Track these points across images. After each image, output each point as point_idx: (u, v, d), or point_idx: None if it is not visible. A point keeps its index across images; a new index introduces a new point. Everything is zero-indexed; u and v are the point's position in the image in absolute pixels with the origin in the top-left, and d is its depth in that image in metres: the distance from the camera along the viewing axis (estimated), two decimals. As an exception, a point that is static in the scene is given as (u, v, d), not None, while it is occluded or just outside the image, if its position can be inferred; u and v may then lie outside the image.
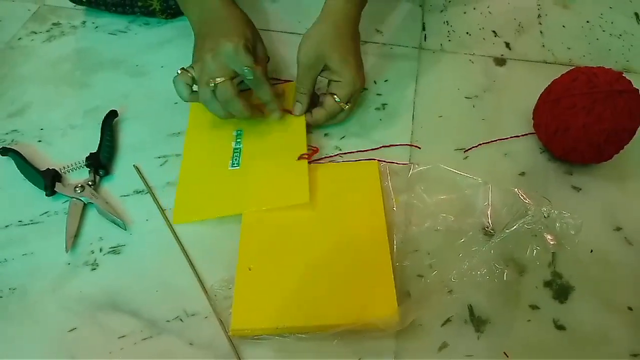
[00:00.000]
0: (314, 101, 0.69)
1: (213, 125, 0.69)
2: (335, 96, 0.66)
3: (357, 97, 0.69)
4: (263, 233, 0.59)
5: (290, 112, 0.69)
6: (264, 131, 0.68)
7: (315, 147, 0.67)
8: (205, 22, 0.66)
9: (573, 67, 0.66)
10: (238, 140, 0.67)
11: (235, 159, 0.65)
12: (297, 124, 0.68)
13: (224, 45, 0.59)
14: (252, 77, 0.60)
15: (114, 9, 0.83)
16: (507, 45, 0.84)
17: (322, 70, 0.66)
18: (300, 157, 0.64)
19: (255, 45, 0.65)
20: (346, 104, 0.67)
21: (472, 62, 0.81)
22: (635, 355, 0.53)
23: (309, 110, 0.68)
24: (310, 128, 0.68)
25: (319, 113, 0.67)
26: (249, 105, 0.63)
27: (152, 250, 0.59)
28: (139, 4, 0.82)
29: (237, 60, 0.60)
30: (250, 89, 0.64)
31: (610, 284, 0.58)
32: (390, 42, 0.83)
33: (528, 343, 0.53)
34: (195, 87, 0.63)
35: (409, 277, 0.57)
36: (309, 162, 0.64)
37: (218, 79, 0.60)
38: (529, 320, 0.55)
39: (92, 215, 0.62)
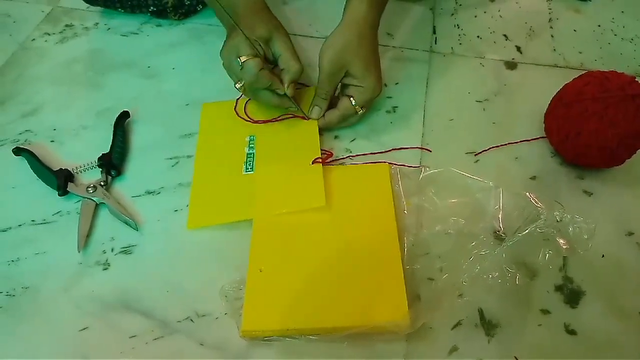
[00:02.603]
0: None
1: (224, 131, 0.69)
2: (352, 99, 0.66)
3: (372, 102, 0.69)
4: (274, 235, 0.59)
5: (303, 118, 0.69)
6: (277, 136, 0.68)
7: (329, 151, 0.67)
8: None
9: (584, 71, 0.66)
10: (251, 145, 0.67)
11: (249, 164, 0.65)
12: (310, 128, 0.68)
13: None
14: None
15: (129, 3, 0.83)
16: (518, 49, 0.83)
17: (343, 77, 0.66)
18: (315, 161, 0.64)
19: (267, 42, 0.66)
20: (361, 108, 0.67)
21: (483, 66, 0.81)
22: (646, 361, 0.53)
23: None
24: (320, 130, 0.69)
25: (332, 115, 0.68)
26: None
27: (163, 251, 0.59)
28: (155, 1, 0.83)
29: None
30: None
31: (622, 289, 0.57)
32: (401, 46, 0.83)
33: (539, 347, 0.53)
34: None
35: (420, 280, 0.57)
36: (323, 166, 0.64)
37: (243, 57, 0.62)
38: (540, 325, 0.55)
39: (103, 215, 0.62)
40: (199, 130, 0.70)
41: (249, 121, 0.70)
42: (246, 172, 0.64)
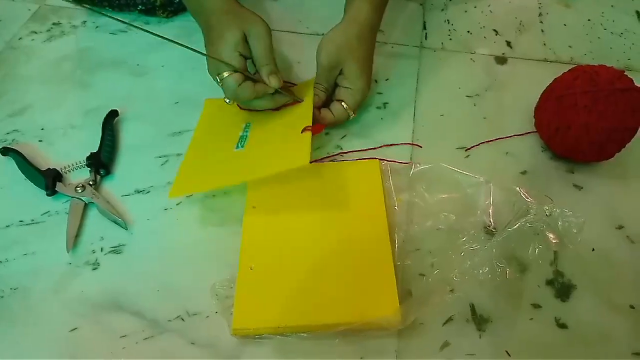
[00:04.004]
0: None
1: (223, 121, 0.69)
2: (343, 104, 0.66)
3: (361, 104, 0.69)
4: (265, 232, 0.59)
5: (299, 102, 0.68)
6: (271, 120, 0.67)
7: (320, 125, 0.66)
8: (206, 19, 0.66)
9: (574, 65, 0.66)
10: (246, 130, 0.67)
11: (241, 143, 0.65)
12: (304, 108, 0.67)
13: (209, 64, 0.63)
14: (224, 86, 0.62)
15: (117, 2, 0.83)
16: (508, 43, 0.83)
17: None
18: (304, 130, 0.63)
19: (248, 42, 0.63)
20: (353, 112, 0.67)
21: (473, 61, 0.81)
22: (637, 354, 0.53)
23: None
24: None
25: (327, 115, 0.67)
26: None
27: (153, 250, 0.59)
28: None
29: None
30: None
31: (612, 282, 0.58)
32: (391, 41, 0.83)
33: (530, 342, 0.53)
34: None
35: (411, 276, 0.57)
36: (314, 134, 0.63)
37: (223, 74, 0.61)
38: (531, 319, 0.55)
39: (93, 215, 0.62)
40: (198, 122, 0.70)
41: (250, 110, 0.69)
42: (236, 149, 0.64)
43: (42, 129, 0.70)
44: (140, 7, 0.83)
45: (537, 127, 0.68)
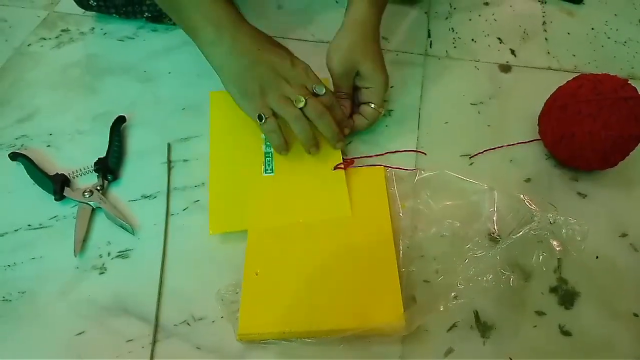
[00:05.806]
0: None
1: (238, 128, 0.68)
2: (372, 104, 0.67)
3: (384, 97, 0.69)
4: (270, 238, 0.59)
5: None
6: (293, 133, 0.67)
7: (350, 159, 0.67)
8: (240, 47, 0.64)
9: (578, 74, 0.66)
10: (267, 143, 0.67)
11: (268, 164, 0.65)
12: None
13: (298, 64, 0.64)
14: (325, 93, 0.62)
15: (123, 9, 0.84)
16: (513, 52, 0.84)
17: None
18: (337, 167, 0.64)
19: None
20: (381, 107, 0.68)
21: (478, 69, 0.81)
22: (640, 362, 0.53)
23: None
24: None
25: (362, 122, 0.68)
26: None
27: (159, 255, 0.59)
28: (147, 2, 0.82)
29: (310, 78, 0.63)
30: None
31: (616, 290, 0.58)
32: (395, 49, 0.83)
33: (534, 349, 0.54)
34: None
35: (415, 282, 0.57)
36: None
37: (303, 98, 0.61)
38: (535, 326, 0.55)
39: (100, 219, 0.62)
40: (210, 124, 0.69)
41: None
42: (266, 173, 0.64)
43: (51, 134, 0.71)
44: (147, 14, 0.83)
45: (541, 135, 0.69)
